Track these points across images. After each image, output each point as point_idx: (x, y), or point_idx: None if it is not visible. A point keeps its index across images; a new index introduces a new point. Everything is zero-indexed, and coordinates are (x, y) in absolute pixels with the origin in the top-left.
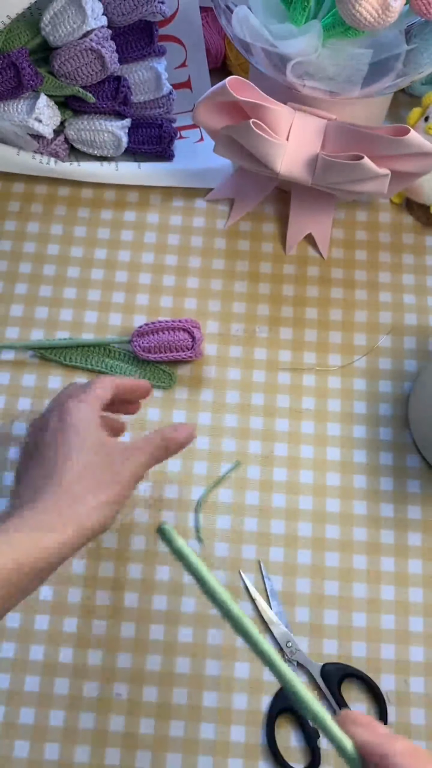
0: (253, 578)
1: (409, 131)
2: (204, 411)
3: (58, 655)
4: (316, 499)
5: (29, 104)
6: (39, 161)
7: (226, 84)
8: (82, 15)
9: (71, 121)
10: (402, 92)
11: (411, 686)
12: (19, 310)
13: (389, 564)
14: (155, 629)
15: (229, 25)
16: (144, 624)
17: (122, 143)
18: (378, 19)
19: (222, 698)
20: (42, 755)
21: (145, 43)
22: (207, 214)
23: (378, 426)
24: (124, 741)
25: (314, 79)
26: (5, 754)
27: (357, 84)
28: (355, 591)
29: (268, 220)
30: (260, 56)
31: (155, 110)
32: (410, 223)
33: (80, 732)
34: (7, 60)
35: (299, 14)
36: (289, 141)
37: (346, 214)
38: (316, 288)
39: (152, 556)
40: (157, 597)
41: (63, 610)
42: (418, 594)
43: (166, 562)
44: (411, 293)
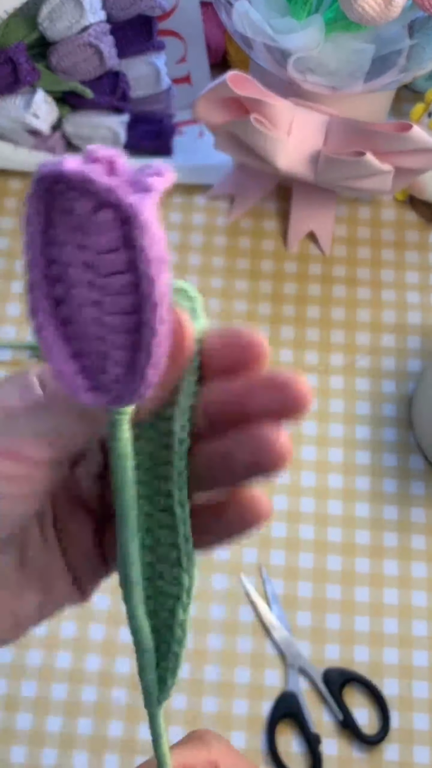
0: (254, 582)
1: (412, 127)
2: None
3: (55, 660)
4: (317, 502)
5: (26, 100)
6: (36, 157)
7: (226, 79)
8: (80, 10)
9: (69, 116)
10: (405, 88)
11: (414, 691)
12: (16, 308)
13: (392, 567)
14: None
15: (230, 19)
16: None
17: (121, 139)
18: (380, 13)
19: (222, 703)
20: (39, 761)
21: (144, 38)
22: (207, 211)
23: (381, 427)
24: (122, 746)
25: (316, 74)
26: (2, 759)
27: (359, 79)
28: (358, 594)
29: (269, 217)
30: (261, 51)
31: (154, 106)
32: (414, 220)
33: (78, 737)
34: (4, 55)
35: (301, 9)
36: (290, 137)
37: (348, 211)
38: (318, 286)
39: None
40: None
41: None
42: (422, 597)
43: None
44: (415, 291)
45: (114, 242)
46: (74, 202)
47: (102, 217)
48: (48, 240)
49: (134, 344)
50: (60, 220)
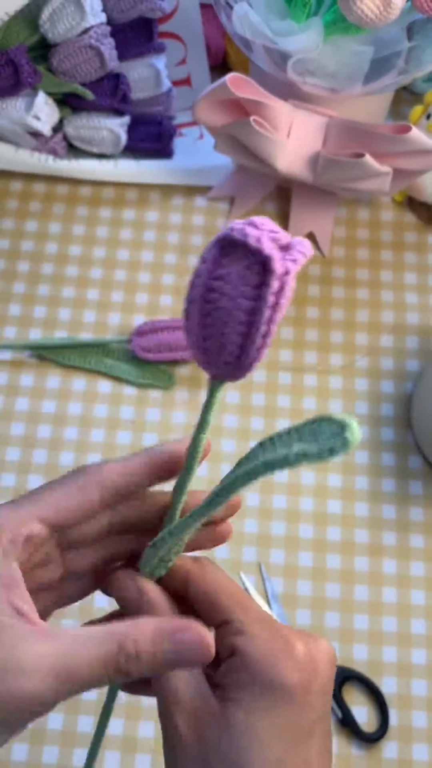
0: (254, 580)
1: (411, 129)
2: None
3: None
4: (317, 501)
5: (27, 101)
6: (37, 159)
7: (226, 81)
8: (80, 12)
9: (70, 118)
10: (404, 89)
11: (413, 689)
12: (17, 309)
13: (391, 566)
14: None
15: (230, 21)
16: None
17: (121, 141)
18: (379, 15)
19: None
20: (40, 758)
21: (144, 40)
22: (207, 213)
23: (380, 426)
24: (123, 744)
25: (315, 76)
26: (3, 757)
27: (358, 81)
28: (357, 593)
29: (269, 218)
30: (261, 53)
31: (155, 107)
32: (412, 221)
33: (79, 735)
34: (6, 57)
35: (300, 11)
36: (289, 138)
37: (347, 212)
38: (317, 287)
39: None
40: None
41: (60, 614)
42: (420, 596)
43: None
44: (413, 292)
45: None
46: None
47: (256, 270)
48: (214, 274)
49: (242, 347)
50: (226, 263)
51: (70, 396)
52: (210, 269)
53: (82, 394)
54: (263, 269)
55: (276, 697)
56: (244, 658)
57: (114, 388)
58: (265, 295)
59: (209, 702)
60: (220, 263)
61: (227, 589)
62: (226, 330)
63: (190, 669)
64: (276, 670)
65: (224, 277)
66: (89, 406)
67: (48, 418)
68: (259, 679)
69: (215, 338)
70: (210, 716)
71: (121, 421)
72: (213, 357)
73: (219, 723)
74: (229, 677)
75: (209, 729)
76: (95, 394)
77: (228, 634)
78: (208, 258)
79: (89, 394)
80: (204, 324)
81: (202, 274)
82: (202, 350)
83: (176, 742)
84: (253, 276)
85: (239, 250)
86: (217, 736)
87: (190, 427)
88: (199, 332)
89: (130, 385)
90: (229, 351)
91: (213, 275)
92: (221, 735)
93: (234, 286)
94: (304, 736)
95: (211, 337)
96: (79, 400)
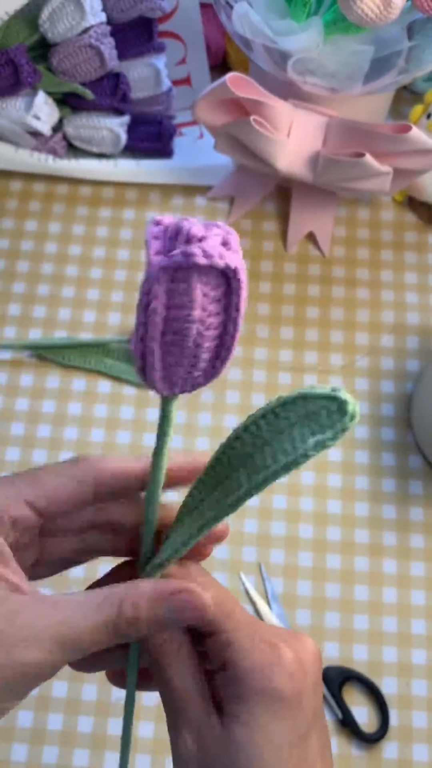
0: (254, 581)
1: (411, 128)
2: (204, 411)
3: None
4: (317, 501)
5: (27, 101)
6: (37, 158)
7: (226, 81)
8: (80, 11)
9: (70, 118)
10: (404, 89)
11: (413, 689)
12: (17, 309)
13: (391, 566)
14: None
15: (230, 21)
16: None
17: (121, 140)
18: (380, 15)
19: None
20: (40, 758)
21: (144, 40)
22: (207, 212)
23: (380, 426)
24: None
25: (315, 75)
26: (3, 757)
27: (358, 81)
28: (357, 593)
29: (269, 218)
30: (261, 53)
31: (154, 107)
32: (412, 221)
33: (79, 735)
34: (5, 57)
35: (300, 10)
36: (290, 138)
37: (347, 211)
38: (318, 287)
39: None
40: None
41: None
42: (420, 596)
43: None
44: (413, 292)
45: (219, 296)
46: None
47: (215, 283)
48: (172, 303)
49: (217, 357)
50: (183, 289)
51: (70, 396)
52: (166, 302)
53: (82, 394)
54: (225, 280)
55: (272, 708)
56: (236, 671)
57: (114, 388)
58: (234, 302)
59: (212, 719)
60: (176, 292)
61: (213, 597)
62: (199, 351)
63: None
64: (268, 681)
65: (186, 305)
66: (89, 406)
67: (48, 418)
68: (254, 691)
69: (184, 361)
70: (213, 733)
71: (121, 421)
72: (178, 377)
73: (221, 740)
74: (226, 691)
75: (213, 746)
76: (95, 394)
77: (217, 646)
78: (159, 292)
79: (89, 394)
80: (170, 353)
81: (157, 310)
82: (164, 376)
83: (185, 758)
84: (214, 290)
85: (191, 272)
86: (221, 753)
87: (190, 427)
88: (163, 362)
89: (130, 385)
90: (201, 367)
91: (171, 305)
92: (224, 752)
93: (201, 308)
94: (302, 739)
95: (178, 363)
96: (79, 400)
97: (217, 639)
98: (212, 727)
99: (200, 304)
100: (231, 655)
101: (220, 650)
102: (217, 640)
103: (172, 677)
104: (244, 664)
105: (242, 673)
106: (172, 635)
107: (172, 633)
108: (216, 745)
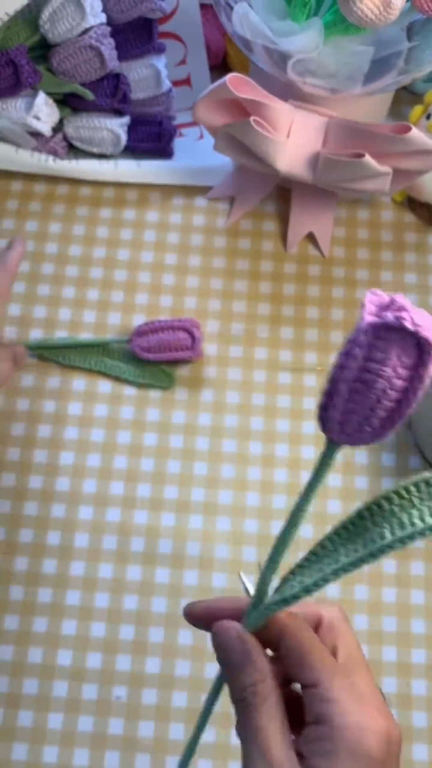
0: (254, 580)
1: (411, 129)
2: (204, 411)
3: (57, 658)
4: (317, 501)
5: (28, 102)
6: (37, 159)
7: (226, 81)
8: (81, 12)
9: (70, 118)
10: (404, 90)
11: (413, 689)
12: (17, 309)
13: (390, 566)
14: (154, 632)
15: (230, 22)
16: (143, 626)
17: (121, 141)
18: (379, 16)
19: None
20: (40, 758)
21: (144, 41)
22: (207, 213)
23: None
24: (123, 744)
25: (315, 76)
26: (3, 757)
27: (358, 81)
28: (357, 593)
29: (269, 218)
30: (261, 53)
31: (155, 108)
32: (412, 221)
33: (79, 735)
34: (6, 57)
35: (300, 11)
36: (289, 139)
37: (347, 212)
38: (317, 287)
39: (151, 558)
40: (156, 599)
41: (61, 613)
42: (420, 596)
43: (166, 565)
44: (413, 292)
45: (410, 365)
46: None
47: (411, 352)
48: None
49: (389, 419)
50: (382, 346)
51: (70, 396)
52: (365, 354)
53: (82, 394)
54: (419, 352)
55: (359, 766)
56: (331, 726)
57: (114, 388)
58: (423, 373)
59: (295, 764)
60: (377, 348)
61: (316, 650)
62: (378, 407)
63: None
64: (361, 741)
65: (382, 360)
66: (89, 406)
67: (48, 418)
68: (345, 748)
69: (362, 411)
70: None
71: (121, 421)
72: (352, 425)
73: None
74: (314, 744)
75: None
76: (95, 394)
77: (315, 699)
78: (363, 343)
79: (89, 394)
80: (353, 400)
81: (358, 357)
82: (340, 423)
83: None
84: (408, 358)
85: (394, 333)
86: None
87: (190, 427)
88: (345, 406)
89: (130, 385)
90: (373, 423)
91: (369, 357)
92: None
93: (393, 369)
94: None
95: (357, 411)
96: (80, 400)
97: (316, 692)
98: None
99: (393, 365)
100: (328, 709)
101: (318, 704)
102: (317, 693)
103: (260, 717)
104: (340, 721)
105: (337, 729)
106: (266, 679)
107: (266, 677)
108: None
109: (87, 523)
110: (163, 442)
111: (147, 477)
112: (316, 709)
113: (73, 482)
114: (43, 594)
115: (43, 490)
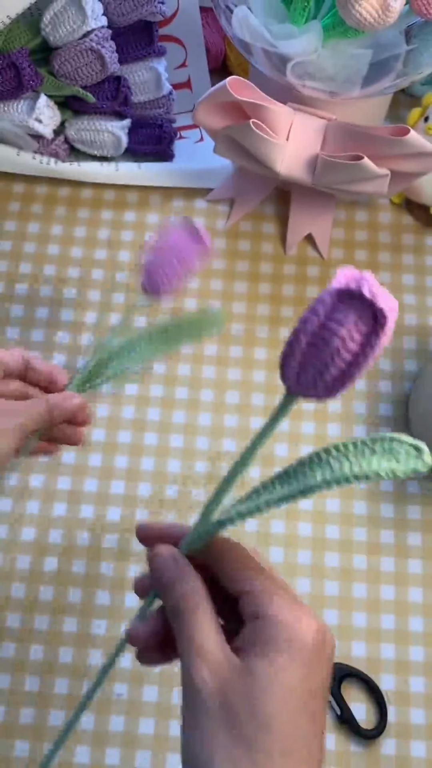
0: None
1: (409, 131)
2: (204, 411)
3: (58, 654)
4: (315, 499)
5: (29, 104)
6: (39, 161)
7: (226, 84)
8: (82, 15)
9: (71, 121)
10: (402, 92)
11: (411, 686)
12: (20, 310)
13: (389, 564)
14: None
15: (229, 25)
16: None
17: (122, 143)
18: (378, 19)
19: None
20: (42, 755)
21: (145, 44)
22: (207, 215)
23: (378, 426)
24: (123, 741)
25: (314, 79)
26: (5, 754)
27: (357, 84)
28: (355, 591)
29: (268, 220)
30: (260, 56)
31: (155, 110)
32: (410, 223)
33: (80, 732)
34: (7, 60)
35: (299, 14)
36: (289, 141)
37: (346, 214)
38: (316, 288)
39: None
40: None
41: (62, 610)
42: (418, 594)
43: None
44: (411, 293)
45: (365, 332)
46: (356, 306)
47: (367, 320)
48: (331, 316)
49: (339, 380)
50: (343, 308)
51: None
52: (327, 313)
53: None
54: (375, 320)
55: (296, 654)
56: (269, 619)
57: (114, 388)
58: (374, 342)
59: (231, 656)
60: (338, 308)
61: (252, 561)
62: (331, 363)
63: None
64: (298, 630)
65: (340, 321)
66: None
67: None
68: (282, 637)
69: (315, 366)
70: (233, 667)
71: (121, 420)
72: (305, 379)
73: (242, 673)
74: (253, 636)
75: (233, 679)
76: (96, 395)
77: (252, 601)
78: (327, 303)
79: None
80: (310, 352)
81: (320, 315)
82: (297, 374)
83: (200, 693)
84: (365, 325)
85: (356, 301)
86: (242, 685)
87: (190, 427)
88: (303, 357)
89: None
90: (326, 379)
91: (330, 317)
92: (245, 683)
93: (348, 331)
94: (312, 696)
95: (310, 364)
96: None
97: (254, 594)
98: (232, 662)
99: (349, 328)
100: (266, 605)
101: (257, 602)
102: (255, 594)
103: (193, 618)
104: (277, 614)
105: (275, 620)
106: (198, 590)
107: (198, 588)
108: (237, 678)
109: (88, 522)
110: (164, 442)
111: (147, 477)
112: (253, 608)
113: (74, 481)
114: (45, 592)
115: (45, 489)
